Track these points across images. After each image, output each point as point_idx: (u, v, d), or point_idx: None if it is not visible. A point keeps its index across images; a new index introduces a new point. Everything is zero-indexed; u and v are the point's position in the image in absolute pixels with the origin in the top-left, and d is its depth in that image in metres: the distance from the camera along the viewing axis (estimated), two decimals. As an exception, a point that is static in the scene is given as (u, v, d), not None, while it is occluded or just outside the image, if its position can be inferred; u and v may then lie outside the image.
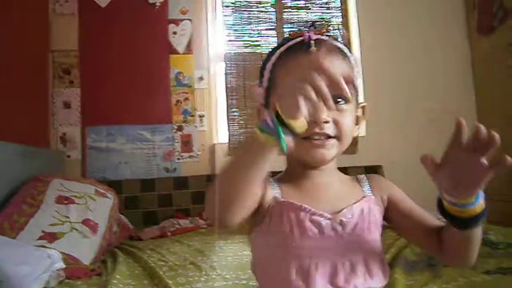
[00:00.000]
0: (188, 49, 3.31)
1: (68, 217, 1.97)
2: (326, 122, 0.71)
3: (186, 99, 3.28)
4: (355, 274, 0.70)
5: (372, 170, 3.20)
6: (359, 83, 3.41)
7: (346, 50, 0.77)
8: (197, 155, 3.26)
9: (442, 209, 0.67)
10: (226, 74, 3.23)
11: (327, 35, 0.76)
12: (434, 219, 0.78)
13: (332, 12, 3.44)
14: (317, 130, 0.70)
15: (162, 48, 3.29)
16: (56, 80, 3.16)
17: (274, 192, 0.75)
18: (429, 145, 3.44)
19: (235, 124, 3.20)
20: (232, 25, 3.28)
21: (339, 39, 0.79)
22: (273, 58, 0.77)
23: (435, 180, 0.64)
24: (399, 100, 3.40)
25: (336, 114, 0.72)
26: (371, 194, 0.79)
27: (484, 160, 0.58)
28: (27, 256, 1.50)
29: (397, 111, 3.39)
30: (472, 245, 0.70)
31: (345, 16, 3.44)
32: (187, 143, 3.25)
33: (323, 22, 3.41)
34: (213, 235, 2.17)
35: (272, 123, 0.57)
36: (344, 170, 0.83)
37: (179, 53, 3.29)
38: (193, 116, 3.28)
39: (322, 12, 3.43)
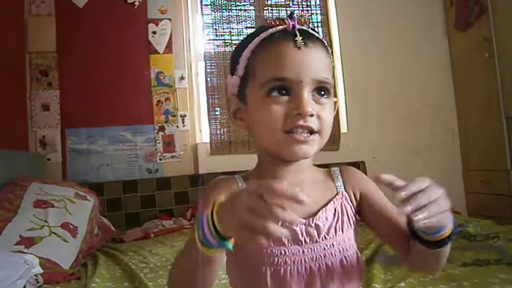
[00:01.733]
0: (168, 48, 3.28)
1: (46, 221, 1.95)
2: (311, 115, 0.67)
3: (167, 99, 3.26)
4: (332, 278, 0.68)
5: (354, 166, 3.16)
6: (339, 78, 3.44)
7: (325, 41, 0.74)
8: (180, 155, 3.24)
9: (411, 231, 0.65)
10: (206, 73, 3.21)
11: (307, 26, 0.72)
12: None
13: (312, 10, 3.45)
14: (301, 122, 0.67)
15: (141, 48, 3.26)
16: (34, 82, 3.10)
17: None
18: (411, 139, 3.51)
19: (217, 123, 3.19)
20: (212, 24, 3.26)
21: (316, 30, 0.75)
22: (252, 46, 0.72)
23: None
24: (380, 96, 3.43)
25: (319, 108, 0.69)
26: (343, 189, 0.76)
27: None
28: (3, 261, 1.48)
29: (378, 107, 3.42)
30: (440, 258, 0.68)
31: (325, 13, 3.44)
32: (169, 144, 3.23)
33: (303, 19, 3.41)
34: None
35: (214, 239, 0.55)
36: (326, 166, 0.81)
37: (159, 53, 3.27)
38: (174, 116, 3.26)
39: (302, 10, 3.43)
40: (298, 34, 0.68)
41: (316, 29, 0.75)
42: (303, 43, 0.67)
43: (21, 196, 2.06)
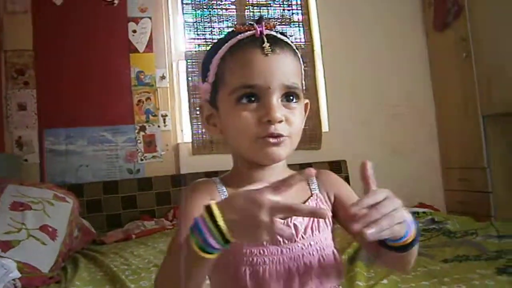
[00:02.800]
0: (149, 47, 3.24)
1: (24, 224, 1.90)
2: (281, 121, 0.69)
3: (148, 98, 3.22)
4: (310, 277, 0.69)
5: (336, 165, 3.25)
6: (320, 78, 3.46)
7: (294, 47, 0.75)
8: (161, 155, 3.21)
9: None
10: (188, 72, 3.19)
11: (275, 31, 0.73)
12: None
13: (293, 9, 3.46)
14: (272, 130, 0.68)
15: (121, 46, 3.21)
16: (10, 82, 3.02)
17: (222, 198, 0.72)
18: (391, 138, 3.56)
19: (199, 123, 3.17)
20: (193, 23, 3.24)
21: (285, 33, 0.76)
22: (221, 52, 0.73)
23: None
24: (361, 96, 3.46)
25: (288, 113, 0.70)
26: (317, 191, 0.77)
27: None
28: (-21, 266, 1.44)
29: (359, 106, 3.45)
30: (407, 259, 0.70)
31: (306, 13, 3.46)
32: (150, 144, 3.20)
33: (284, 19, 3.42)
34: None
35: (217, 242, 0.54)
36: (308, 166, 0.82)
37: (139, 52, 3.22)
38: (155, 116, 3.22)
39: (283, 9, 3.44)
40: (265, 40, 0.69)
41: (285, 33, 0.76)
42: (270, 50, 0.68)
43: (-3, 198, 2.00)
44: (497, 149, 2.93)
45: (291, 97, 0.71)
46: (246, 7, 3.36)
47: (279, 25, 0.74)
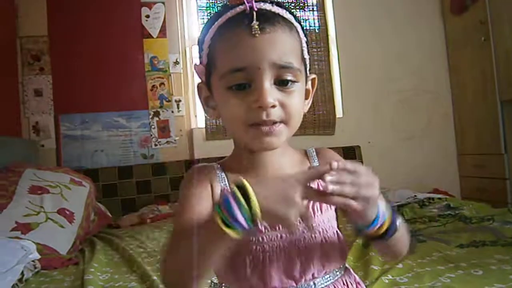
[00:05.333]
0: (162, 33, 3.24)
1: (42, 207, 1.94)
2: (273, 106, 0.64)
3: (162, 84, 3.23)
4: (312, 262, 0.67)
5: (350, 151, 3.23)
6: (335, 63, 3.42)
7: (292, 18, 0.69)
8: (175, 140, 3.22)
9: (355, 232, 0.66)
10: (201, 57, 3.17)
11: (270, 1, 0.67)
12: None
13: (307, -7, 3.41)
14: (263, 117, 0.63)
15: (135, 32, 3.21)
16: (26, 68, 3.05)
17: (221, 184, 0.70)
18: (406, 123, 3.52)
19: (213, 109, 3.16)
20: (206, 8, 3.22)
21: (282, 3, 0.69)
22: (211, 32, 0.68)
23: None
24: (376, 81, 3.42)
25: (283, 96, 0.65)
26: None
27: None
28: (0, 248, 1.47)
29: (374, 92, 3.41)
30: (396, 246, 0.68)
31: (320, -4, 3.41)
32: (164, 129, 3.21)
33: (298, 3, 3.37)
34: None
35: (246, 222, 0.53)
36: None
37: (152, 37, 3.22)
38: (169, 101, 3.23)
39: (298, -7, 3.39)
40: (254, 18, 0.63)
41: (282, 3, 0.69)
42: (258, 30, 0.63)
43: (16, 182, 2.04)
44: (515, 135, 2.88)
45: (287, 80, 0.65)
46: (259, -9, 3.32)
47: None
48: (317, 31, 3.35)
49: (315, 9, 3.40)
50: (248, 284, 0.67)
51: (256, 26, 0.63)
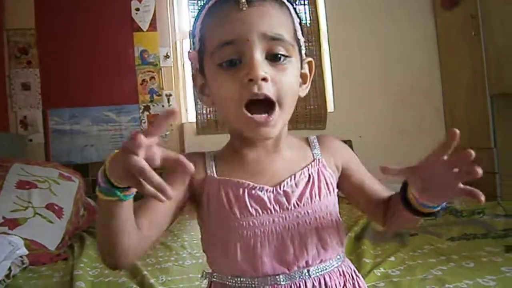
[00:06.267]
0: (152, 26, 3.19)
1: (30, 202, 1.91)
2: (264, 79, 0.62)
3: (152, 78, 3.19)
4: (305, 249, 0.66)
5: (342, 145, 3.22)
6: (326, 57, 3.41)
7: None
8: (166, 135, 3.19)
9: (403, 193, 0.65)
10: (192, 51, 3.14)
11: None
12: (383, 190, 0.75)
13: (299, -13, 3.39)
14: (255, 90, 0.61)
15: (125, 25, 3.16)
16: (13, 61, 3.00)
17: (209, 171, 0.70)
18: (397, 119, 3.52)
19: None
20: (197, 0, 3.18)
21: None
22: (202, 15, 0.68)
23: (408, 179, 0.62)
24: (367, 76, 3.41)
25: (276, 72, 0.63)
26: (320, 156, 0.73)
27: (460, 185, 0.56)
28: (-14, 243, 1.44)
29: (365, 86, 3.41)
30: (415, 222, 0.70)
31: (312, -9, 3.39)
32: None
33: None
34: (184, 215, 2.14)
35: (106, 184, 0.55)
36: None
37: (143, 31, 3.18)
38: (160, 95, 3.20)
39: (289, -13, 3.37)
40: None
41: None
42: (245, 3, 0.62)
43: (3, 177, 2.01)
44: (505, 130, 2.90)
45: (279, 55, 0.64)
46: (251, -15, 3.29)
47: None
48: (308, 25, 3.34)
49: (306, 3, 3.39)
50: (239, 270, 0.66)
51: (244, 0, 0.62)
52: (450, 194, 0.57)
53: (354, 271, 0.73)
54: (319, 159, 0.73)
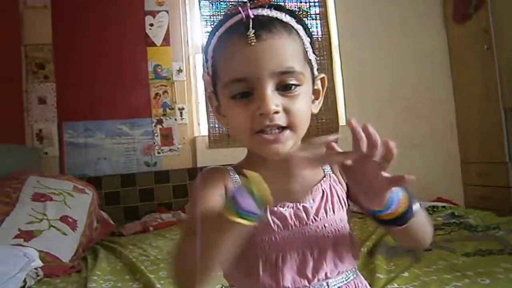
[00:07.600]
0: (166, 41, 3.25)
1: (45, 215, 1.93)
2: (276, 112, 0.63)
3: (165, 92, 3.24)
4: (325, 261, 0.67)
5: (353, 158, 3.21)
6: (337, 71, 3.42)
7: (291, 20, 0.68)
8: (178, 148, 3.22)
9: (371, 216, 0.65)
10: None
11: (268, 6, 0.67)
12: None
13: (311, 2, 3.42)
14: (267, 123, 0.63)
15: (139, 40, 3.22)
16: (30, 75, 3.07)
17: (235, 186, 0.70)
18: (409, 131, 3.50)
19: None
20: (210, 16, 3.24)
21: (282, 6, 0.69)
22: (213, 43, 0.69)
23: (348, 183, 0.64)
24: (379, 89, 3.42)
25: (287, 101, 0.65)
26: (330, 171, 0.74)
27: (385, 174, 0.56)
28: (2, 255, 1.47)
29: (377, 99, 3.41)
30: (416, 232, 0.67)
31: (323, 5, 3.42)
32: (167, 137, 3.21)
33: (301, 12, 3.38)
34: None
35: (257, 208, 0.53)
36: None
37: (156, 45, 3.24)
38: (172, 109, 3.24)
39: (300, 2, 3.41)
40: (250, 27, 0.63)
41: (282, 5, 0.69)
42: (254, 38, 0.63)
43: (19, 189, 2.04)
44: (519, 143, 2.87)
45: (290, 84, 0.65)
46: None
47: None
48: (320, 39, 3.36)
49: (318, 17, 3.42)
50: (260, 285, 0.66)
51: (252, 35, 0.63)
52: (380, 188, 0.58)
53: (366, 287, 0.73)
54: (330, 174, 0.74)
